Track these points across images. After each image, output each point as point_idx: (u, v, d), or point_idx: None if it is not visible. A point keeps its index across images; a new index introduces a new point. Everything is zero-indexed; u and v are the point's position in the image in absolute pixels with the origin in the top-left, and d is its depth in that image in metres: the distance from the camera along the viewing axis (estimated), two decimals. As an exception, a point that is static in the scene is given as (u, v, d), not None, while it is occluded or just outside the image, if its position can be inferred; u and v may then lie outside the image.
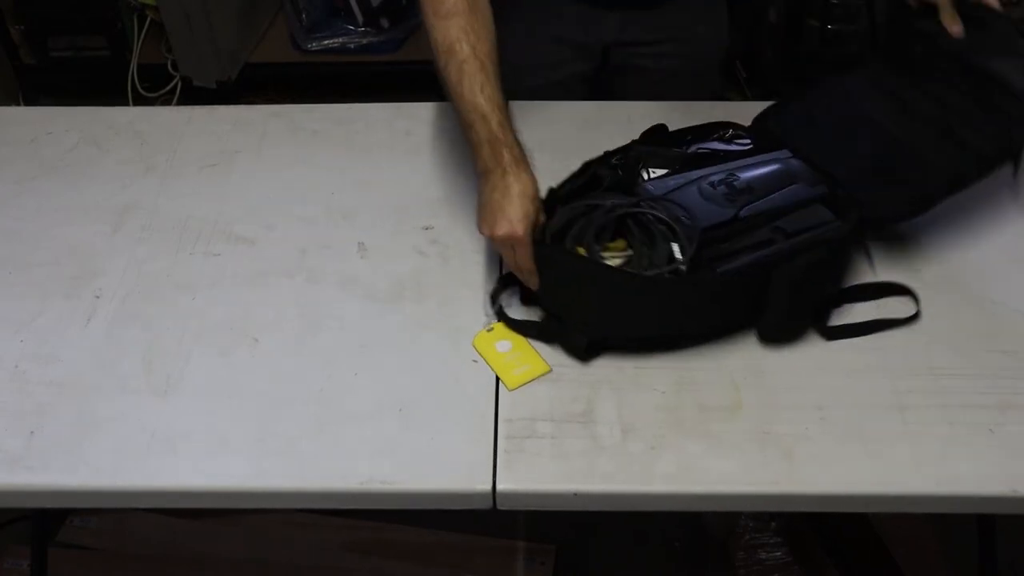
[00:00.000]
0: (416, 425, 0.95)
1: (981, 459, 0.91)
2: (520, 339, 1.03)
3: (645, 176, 1.09)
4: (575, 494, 0.90)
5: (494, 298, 1.06)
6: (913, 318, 1.04)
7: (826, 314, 1.05)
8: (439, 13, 1.03)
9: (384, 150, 1.09)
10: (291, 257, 1.13)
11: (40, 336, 1.04)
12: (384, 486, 0.90)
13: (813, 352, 1.01)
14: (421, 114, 1.17)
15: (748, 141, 1.16)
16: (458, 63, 1.00)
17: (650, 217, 1.02)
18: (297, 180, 1.22)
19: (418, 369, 1.00)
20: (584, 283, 0.99)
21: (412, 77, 2.54)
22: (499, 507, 0.91)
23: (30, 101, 2.57)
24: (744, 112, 1.22)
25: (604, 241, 1.02)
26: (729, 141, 1.16)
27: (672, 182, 1.06)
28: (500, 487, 0.90)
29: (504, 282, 1.07)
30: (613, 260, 1.01)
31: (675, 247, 0.99)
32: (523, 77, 1.28)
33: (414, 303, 1.07)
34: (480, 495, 0.90)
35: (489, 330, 1.04)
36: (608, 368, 1.00)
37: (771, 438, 0.93)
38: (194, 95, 2.52)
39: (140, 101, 2.56)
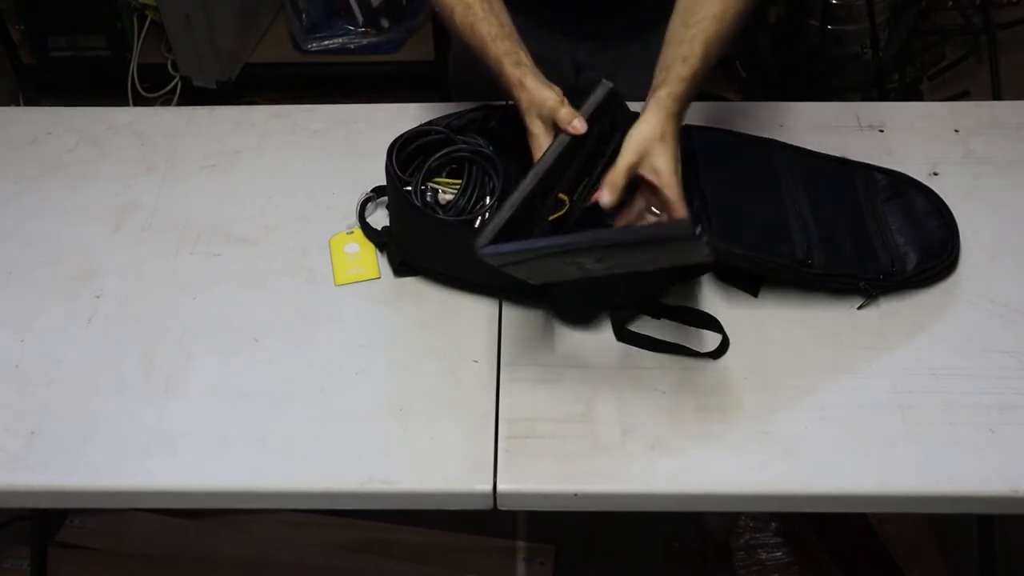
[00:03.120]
0: (416, 425, 0.95)
1: (981, 459, 0.91)
2: (369, 246, 1.12)
3: None
4: (575, 494, 0.90)
5: (363, 204, 1.15)
6: (714, 354, 1.00)
7: (625, 314, 1.02)
8: None
9: (384, 150, 1.08)
10: (291, 257, 1.13)
11: (40, 336, 1.04)
12: (384, 486, 0.90)
13: (813, 352, 1.01)
14: (421, 114, 1.16)
15: None
16: (448, 13, 1.07)
17: (486, 168, 1.08)
18: (297, 180, 1.22)
19: (418, 368, 1.00)
20: (400, 205, 1.08)
21: (412, 77, 2.54)
22: (499, 507, 0.91)
23: (30, 101, 2.57)
24: (744, 112, 1.22)
25: (442, 174, 1.08)
26: None
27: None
28: (500, 487, 0.90)
29: (377, 191, 1.17)
30: (444, 195, 1.07)
31: (488, 200, 1.06)
32: None
33: (414, 303, 1.07)
34: (480, 495, 0.90)
35: (349, 232, 1.14)
36: (608, 368, 1.00)
37: (771, 438, 0.93)
38: (194, 95, 2.52)
39: (140, 101, 2.55)
